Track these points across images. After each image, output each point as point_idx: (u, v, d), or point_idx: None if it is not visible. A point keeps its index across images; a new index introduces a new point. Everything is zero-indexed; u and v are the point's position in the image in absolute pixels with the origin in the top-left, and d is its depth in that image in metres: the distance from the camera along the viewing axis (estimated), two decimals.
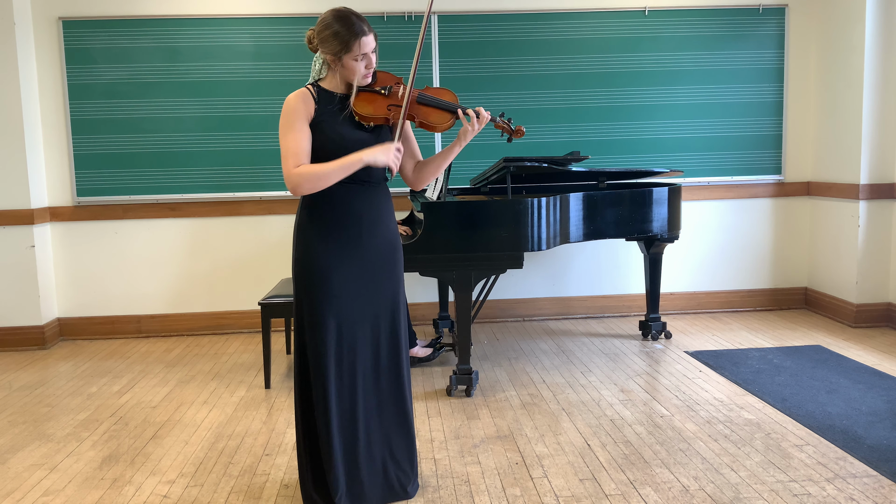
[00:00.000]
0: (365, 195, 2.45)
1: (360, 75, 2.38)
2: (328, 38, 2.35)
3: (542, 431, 3.13)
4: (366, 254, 2.45)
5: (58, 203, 4.79)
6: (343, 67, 2.38)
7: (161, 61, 4.72)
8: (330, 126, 2.38)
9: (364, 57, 2.36)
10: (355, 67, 2.36)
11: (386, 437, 2.52)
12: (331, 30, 2.34)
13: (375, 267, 2.48)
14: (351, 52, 2.34)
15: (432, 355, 4.14)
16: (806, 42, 5.03)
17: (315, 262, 2.41)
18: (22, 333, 4.66)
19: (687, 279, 5.17)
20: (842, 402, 3.35)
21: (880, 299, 4.68)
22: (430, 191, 4.08)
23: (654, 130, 4.98)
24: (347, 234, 2.43)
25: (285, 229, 4.89)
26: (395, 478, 2.54)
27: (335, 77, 2.42)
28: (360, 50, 2.34)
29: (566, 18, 4.86)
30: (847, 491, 2.54)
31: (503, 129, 2.69)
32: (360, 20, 2.35)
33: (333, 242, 2.42)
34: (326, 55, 2.38)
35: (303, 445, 2.50)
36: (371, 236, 2.46)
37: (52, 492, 2.70)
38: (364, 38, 2.33)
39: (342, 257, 2.43)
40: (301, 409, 2.50)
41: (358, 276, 2.44)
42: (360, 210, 2.44)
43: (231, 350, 4.55)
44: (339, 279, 2.42)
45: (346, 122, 2.40)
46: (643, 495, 2.55)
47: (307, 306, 2.43)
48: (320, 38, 2.37)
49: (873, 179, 4.60)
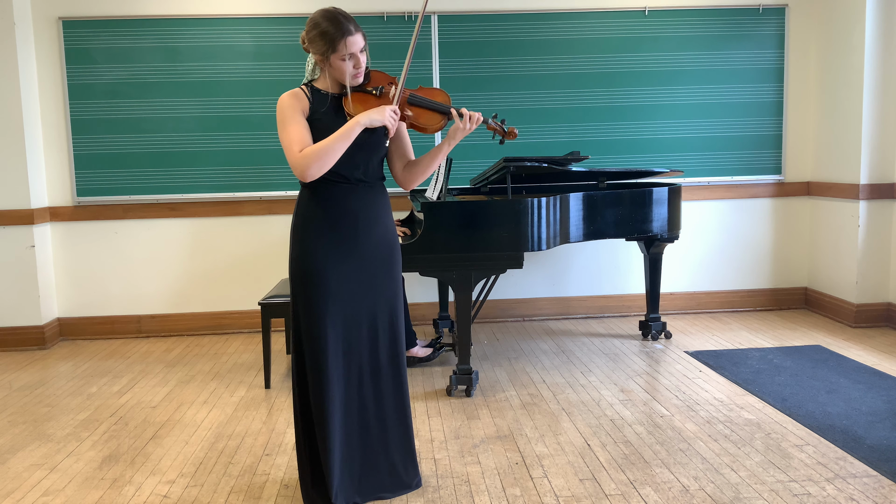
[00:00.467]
0: (361, 194, 2.45)
1: (349, 75, 2.37)
2: (315, 37, 2.35)
3: (542, 431, 3.13)
4: (363, 253, 2.45)
5: (58, 203, 4.79)
6: (331, 67, 2.38)
7: (161, 61, 4.72)
8: (325, 124, 2.39)
9: (351, 57, 2.35)
10: (343, 67, 2.36)
11: (384, 436, 2.53)
12: (318, 29, 2.34)
13: (373, 266, 2.47)
14: (337, 51, 2.34)
15: (432, 355, 4.14)
16: (806, 42, 5.03)
17: (312, 261, 2.41)
18: (22, 333, 4.66)
19: (687, 279, 5.17)
20: (842, 402, 3.35)
21: (880, 299, 4.68)
22: (430, 191, 4.08)
23: (654, 130, 4.98)
24: (343, 233, 2.43)
25: (285, 229, 4.89)
26: (393, 475, 2.55)
27: (327, 77, 2.43)
28: (347, 49, 2.33)
29: (566, 18, 4.86)
30: (847, 491, 2.54)
31: (496, 130, 2.68)
32: (346, 20, 2.34)
33: (329, 242, 2.42)
34: (315, 55, 2.39)
35: (302, 444, 2.50)
36: (368, 235, 2.46)
37: (52, 492, 2.70)
38: (350, 38, 2.32)
39: (339, 257, 2.42)
40: (300, 408, 2.50)
41: (355, 275, 2.44)
42: (356, 209, 2.44)
43: (231, 350, 4.55)
44: (335, 279, 2.42)
45: (340, 121, 2.41)
46: (643, 495, 2.55)
47: (304, 306, 2.43)
48: (308, 37, 2.38)
49: (873, 179, 4.60)
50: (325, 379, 2.40)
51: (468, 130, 2.49)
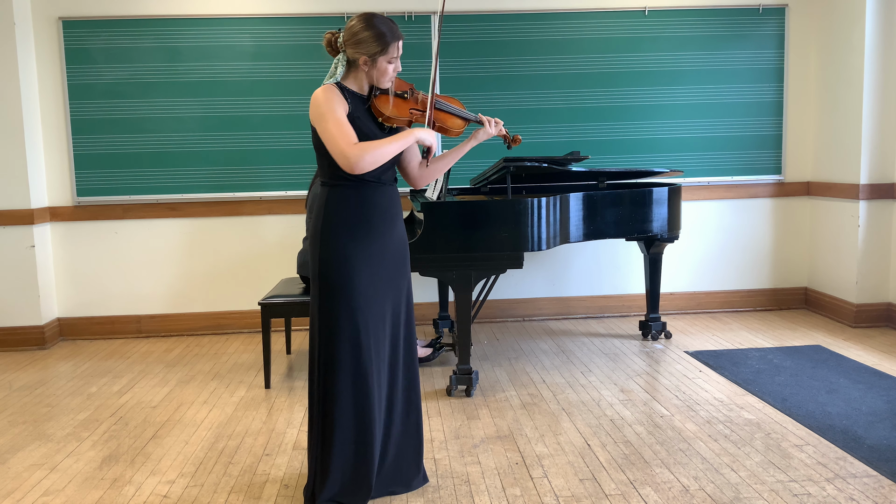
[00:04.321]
0: (386, 194, 2.51)
1: (389, 78, 2.47)
2: (367, 39, 2.40)
3: (542, 431, 3.13)
4: (388, 251, 2.51)
5: (58, 203, 4.79)
6: (376, 69, 2.44)
7: (161, 61, 4.72)
8: (363, 123, 2.44)
9: (395, 60, 2.46)
10: (387, 69, 2.45)
11: (400, 432, 2.58)
12: (372, 31, 2.40)
13: (395, 264, 2.54)
14: (387, 53, 2.42)
15: (432, 355, 4.14)
16: (806, 42, 5.03)
17: (345, 260, 2.42)
18: (22, 333, 4.66)
19: (687, 279, 5.17)
20: (842, 402, 3.35)
21: (880, 299, 4.68)
22: (430, 191, 4.08)
23: (654, 130, 4.98)
24: (375, 232, 2.47)
25: (285, 229, 4.89)
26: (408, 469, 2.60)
27: (358, 79, 2.48)
28: (396, 53, 2.44)
29: (566, 18, 4.86)
30: (847, 491, 2.54)
31: (505, 137, 2.86)
32: (396, 25, 2.47)
33: (362, 241, 2.45)
34: (360, 56, 2.42)
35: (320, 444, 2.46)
36: (391, 234, 2.52)
37: (52, 492, 2.70)
38: (400, 42, 2.46)
39: (370, 255, 2.46)
40: (321, 410, 2.46)
41: (382, 273, 2.49)
42: (384, 208, 2.49)
43: (231, 350, 4.55)
44: (367, 277, 2.45)
45: (370, 122, 2.48)
46: (643, 495, 2.55)
47: (336, 305, 2.41)
48: (356, 38, 2.41)
49: (873, 179, 4.60)
50: (362, 379, 2.42)
51: (493, 133, 2.69)
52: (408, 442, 2.61)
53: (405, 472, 2.61)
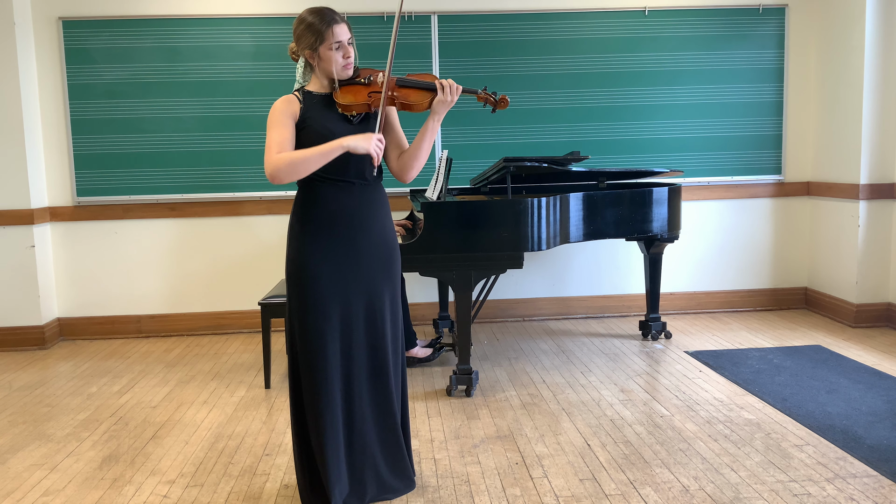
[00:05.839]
0: (357, 195, 2.45)
1: (338, 66, 2.40)
2: (303, 32, 2.40)
3: (542, 431, 3.13)
4: (361, 253, 2.44)
5: (58, 203, 4.79)
6: (321, 60, 2.41)
7: (161, 61, 4.72)
8: (317, 122, 2.40)
9: (340, 46, 2.39)
10: (332, 57, 2.39)
11: (384, 437, 2.52)
12: (304, 24, 2.40)
13: (371, 267, 2.46)
14: (325, 41, 2.38)
15: (432, 355, 4.14)
16: (806, 42, 5.03)
17: (307, 262, 2.41)
18: (22, 333, 4.66)
19: (687, 279, 5.17)
20: (842, 402, 3.35)
21: (880, 299, 4.68)
22: (430, 191, 4.08)
23: (654, 130, 4.98)
24: (338, 234, 2.42)
25: (285, 229, 4.88)
26: (393, 476, 2.55)
27: (318, 77, 2.47)
28: (334, 38, 2.38)
29: (566, 18, 4.86)
30: (847, 491, 2.54)
31: (487, 100, 2.65)
32: (331, 11, 2.41)
33: (324, 242, 2.42)
34: (304, 51, 2.42)
35: (297, 447, 2.49)
36: (364, 236, 2.45)
37: (52, 492, 2.70)
38: (336, 27, 2.38)
39: (334, 257, 2.42)
40: (294, 410, 2.49)
41: (353, 276, 2.43)
42: (350, 209, 2.44)
43: (231, 350, 4.55)
44: (331, 280, 2.41)
45: (332, 118, 2.43)
46: (643, 495, 2.55)
47: (298, 307, 2.42)
48: (296, 35, 2.42)
49: (873, 179, 4.60)
50: (320, 380, 2.39)
51: (451, 102, 2.45)
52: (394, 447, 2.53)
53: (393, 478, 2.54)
